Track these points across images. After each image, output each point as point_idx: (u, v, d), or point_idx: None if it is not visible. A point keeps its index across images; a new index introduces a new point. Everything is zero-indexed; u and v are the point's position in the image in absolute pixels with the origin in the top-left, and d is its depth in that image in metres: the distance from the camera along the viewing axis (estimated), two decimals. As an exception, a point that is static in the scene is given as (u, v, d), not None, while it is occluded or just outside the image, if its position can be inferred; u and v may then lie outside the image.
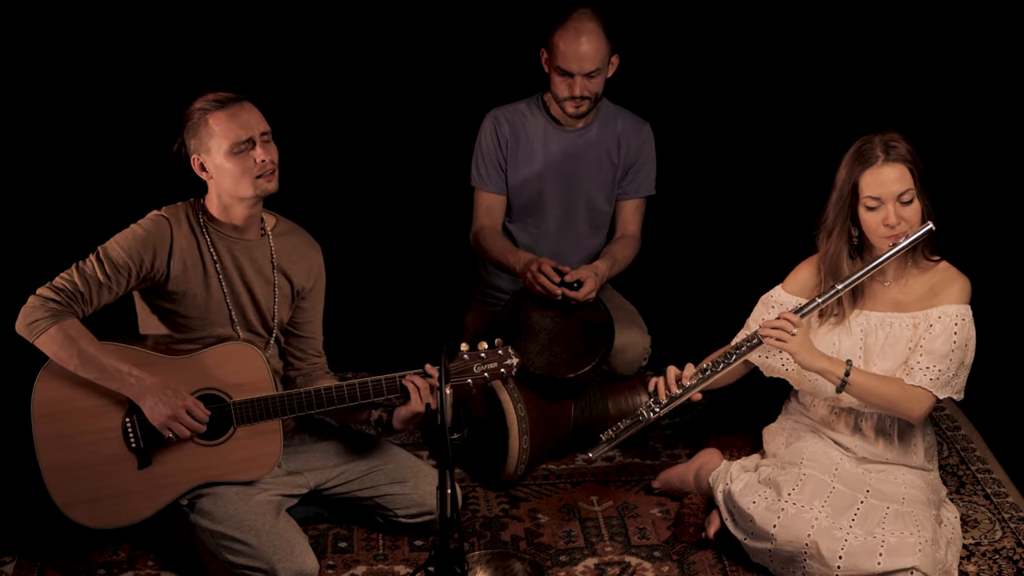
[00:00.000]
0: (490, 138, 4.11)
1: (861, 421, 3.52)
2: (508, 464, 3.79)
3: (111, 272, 3.29)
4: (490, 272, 4.24)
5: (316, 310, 3.62)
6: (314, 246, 3.60)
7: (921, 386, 3.37)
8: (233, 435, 3.39)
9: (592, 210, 4.17)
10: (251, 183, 3.33)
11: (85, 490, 3.34)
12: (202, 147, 3.33)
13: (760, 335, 3.43)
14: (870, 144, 3.39)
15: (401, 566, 3.52)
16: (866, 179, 3.36)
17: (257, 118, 3.35)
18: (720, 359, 3.50)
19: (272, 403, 3.38)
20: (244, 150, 3.31)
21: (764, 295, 3.65)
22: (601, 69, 3.93)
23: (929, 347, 3.38)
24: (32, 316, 3.24)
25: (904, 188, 3.35)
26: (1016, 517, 3.72)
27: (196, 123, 3.32)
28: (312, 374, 3.63)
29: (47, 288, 3.28)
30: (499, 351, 3.42)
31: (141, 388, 3.29)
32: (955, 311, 3.39)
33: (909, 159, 3.37)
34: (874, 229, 3.38)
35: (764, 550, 3.40)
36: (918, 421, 3.45)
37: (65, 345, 3.24)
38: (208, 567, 3.41)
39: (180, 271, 3.37)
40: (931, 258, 3.47)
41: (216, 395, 3.38)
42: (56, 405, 3.33)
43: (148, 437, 3.35)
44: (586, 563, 3.54)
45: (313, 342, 3.63)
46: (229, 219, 3.40)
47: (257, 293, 3.47)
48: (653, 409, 3.52)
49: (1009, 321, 4.40)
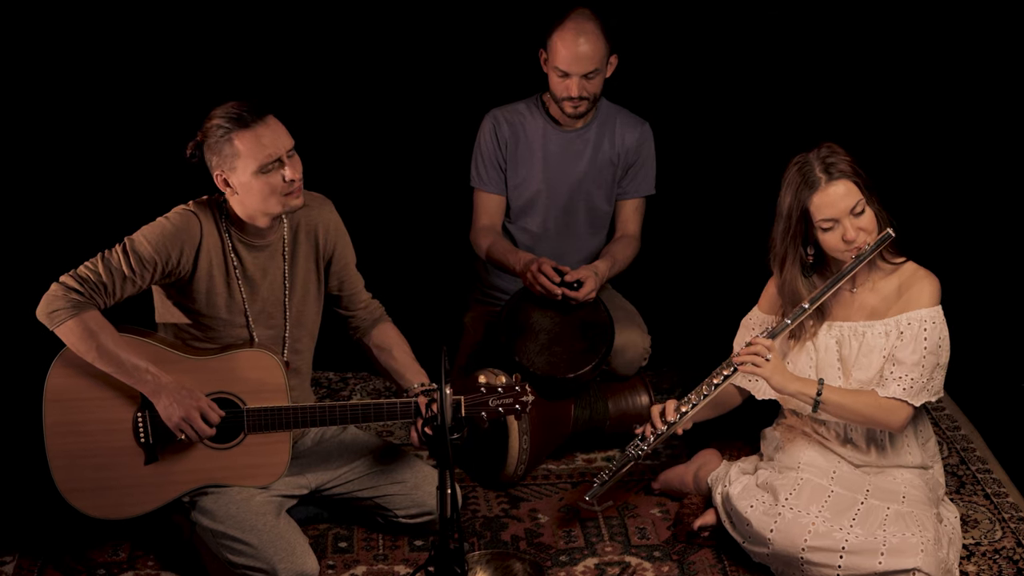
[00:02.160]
0: (489, 138, 4.11)
1: (851, 432, 3.51)
2: (508, 464, 3.79)
3: (136, 266, 3.26)
4: (490, 272, 4.24)
5: (347, 265, 3.58)
6: (324, 205, 3.53)
7: (896, 397, 3.36)
8: (243, 441, 3.39)
9: (592, 210, 4.17)
10: (279, 201, 3.30)
11: (89, 478, 3.34)
12: (226, 165, 3.27)
13: (735, 362, 3.43)
14: (809, 166, 3.34)
15: (401, 566, 3.52)
16: (815, 203, 3.32)
17: (282, 134, 3.29)
18: (702, 390, 3.48)
19: (285, 414, 3.37)
20: (272, 169, 3.27)
21: (744, 318, 3.65)
22: (600, 69, 3.93)
23: (900, 356, 3.37)
24: (54, 305, 3.21)
25: (854, 202, 3.32)
26: (1016, 517, 3.72)
27: (219, 142, 3.25)
28: (364, 323, 3.63)
29: (71, 277, 3.24)
30: (516, 387, 3.41)
31: (157, 386, 3.27)
32: (924, 315, 3.37)
33: (850, 172, 3.32)
34: (834, 247, 3.35)
35: (762, 553, 3.40)
36: (899, 430, 3.44)
37: (85, 337, 3.22)
38: (208, 567, 3.41)
39: (206, 270, 3.35)
40: (895, 260, 3.45)
41: (230, 399, 3.37)
42: (69, 392, 3.32)
43: (158, 434, 3.35)
44: (586, 563, 3.54)
45: (354, 296, 3.61)
46: (252, 222, 3.37)
47: (278, 291, 3.46)
48: (641, 448, 3.52)
49: (1008, 321, 4.40)
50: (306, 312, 3.52)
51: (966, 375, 3.44)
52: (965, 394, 3.47)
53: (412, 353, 3.63)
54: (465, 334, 4.25)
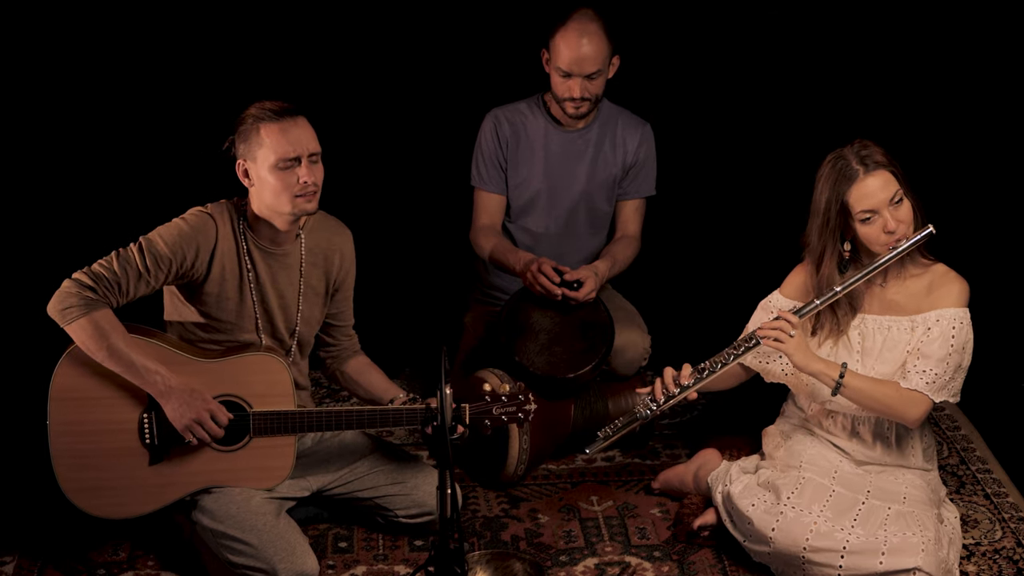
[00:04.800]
0: (490, 138, 4.11)
1: (858, 425, 3.52)
2: (508, 464, 3.79)
3: (151, 265, 3.26)
4: (490, 272, 4.24)
5: (348, 298, 3.62)
6: (344, 233, 3.56)
7: (917, 389, 3.37)
8: (248, 444, 3.39)
9: (592, 210, 4.17)
10: (290, 200, 3.30)
11: (92, 478, 3.33)
12: (249, 154, 3.30)
13: (758, 335, 3.43)
14: (844, 160, 3.36)
15: (401, 566, 3.52)
16: (853, 195, 3.34)
17: (309, 136, 3.32)
18: (718, 360, 3.49)
19: (291, 418, 3.36)
20: (289, 167, 3.27)
21: (762, 300, 3.65)
22: (602, 70, 3.93)
23: (926, 350, 3.38)
24: (66, 302, 3.20)
25: (892, 192, 3.34)
26: (1016, 517, 3.72)
27: (248, 129, 3.29)
28: (344, 353, 3.66)
29: (84, 274, 3.23)
30: (520, 396, 3.42)
31: (167, 388, 3.27)
32: (953, 314, 3.38)
33: (887, 163, 3.35)
34: (875, 239, 3.36)
35: (763, 552, 3.40)
36: (914, 425, 3.43)
37: (95, 336, 3.21)
38: (208, 567, 3.41)
39: (219, 273, 3.36)
40: (928, 259, 3.46)
41: (236, 402, 3.37)
42: (75, 391, 3.31)
43: (164, 435, 3.34)
44: (586, 563, 3.54)
45: (345, 327, 3.65)
46: (268, 228, 3.38)
47: (288, 302, 3.46)
48: (650, 407, 3.51)
49: (1008, 321, 4.40)
50: (307, 331, 3.54)
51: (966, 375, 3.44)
52: (965, 394, 3.46)
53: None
54: (465, 334, 4.25)
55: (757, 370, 3.63)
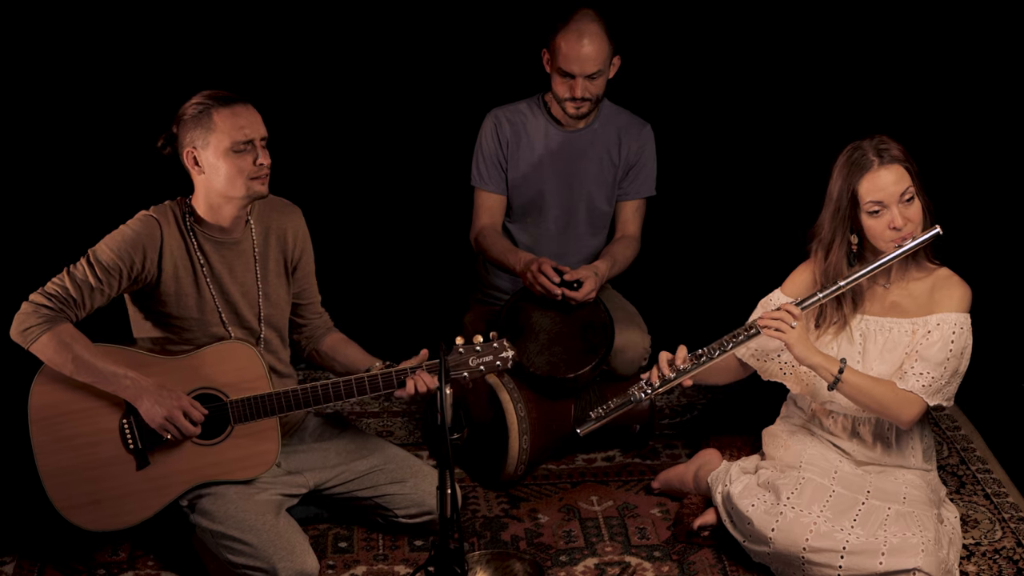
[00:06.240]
0: (491, 138, 4.11)
1: (859, 425, 3.52)
2: (508, 464, 3.79)
3: (102, 275, 3.29)
4: (490, 272, 4.24)
5: (309, 274, 3.62)
6: (293, 211, 3.57)
7: (913, 391, 3.37)
8: (231, 434, 3.40)
9: (592, 211, 4.17)
10: (244, 184, 3.32)
11: (84, 493, 3.35)
12: (199, 140, 3.30)
13: (759, 325, 3.42)
14: (861, 150, 3.37)
15: (401, 566, 3.52)
16: (865, 185, 3.35)
17: (258, 121, 3.35)
18: (716, 347, 3.48)
19: (269, 401, 3.38)
20: (243, 151, 3.30)
21: (763, 299, 3.64)
22: (603, 71, 3.93)
23: (925, 353, 3.38)
24: (26, 323, 3.25)
25: (904, 188, 3.34)
26: (1016, 517, 3.72)
27: (197, 116, 3.29)
28: (317, 332, 3.66)
29: (39, 294, 3.28)
30: (494, 344, 3.40)
31: (137, 390, 3.29)
32: (954, 319, 3.38)
33: (903, 159, 3.36)
34: (880, 234, 3.36)
35: (763, 552, 3.40)
36: (907, 426, 3.43)
37: (60, 350, 3.24)
38: (208, 567, 3.41)
39: (172, 271, 3.37)
40: (933, 262, 3.46)
41: (213, 394, 3.38)
42: (53, 409, 3.33)
43: (146, 438, 3.35)
44: (586, 563, 3.54)
45: (312, 305, 3.65)
46: (216, 220, 3.39)
47: (248, 289, 3.47)
48: (645, 390, 3.50)
49: (1009, 322, 4.40)
50: (277, 315, 3.54)
51: (966, 375, 3.44)
52: (965, 394, 3.47)
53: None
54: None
55: (755, 367, 3.62)
